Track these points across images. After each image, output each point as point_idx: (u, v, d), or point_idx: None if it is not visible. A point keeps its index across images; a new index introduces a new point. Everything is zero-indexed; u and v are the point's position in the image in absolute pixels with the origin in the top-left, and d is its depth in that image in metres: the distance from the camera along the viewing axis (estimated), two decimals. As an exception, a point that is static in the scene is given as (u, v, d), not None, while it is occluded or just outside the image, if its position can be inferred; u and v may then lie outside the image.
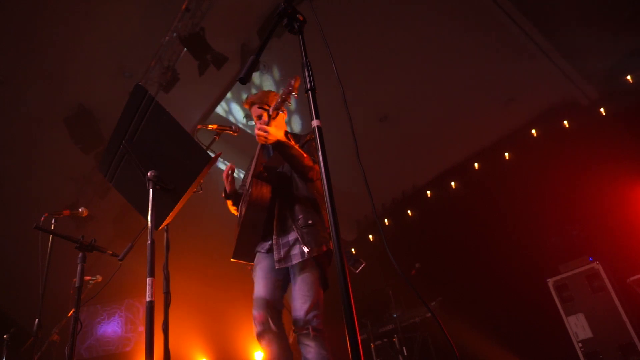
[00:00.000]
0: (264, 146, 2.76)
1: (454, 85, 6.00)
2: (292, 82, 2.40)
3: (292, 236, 2.55)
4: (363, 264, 2.74)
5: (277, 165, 2.79)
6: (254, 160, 2.70)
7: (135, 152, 1.88)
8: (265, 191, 2.60)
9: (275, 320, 2.44)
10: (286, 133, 2.57)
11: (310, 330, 2.32)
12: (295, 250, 2.50)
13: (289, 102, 2.46)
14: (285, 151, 2.50)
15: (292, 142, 2.57)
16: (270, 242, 2.61)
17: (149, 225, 1.73)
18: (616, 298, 4.07)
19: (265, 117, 2.62)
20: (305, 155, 2.56)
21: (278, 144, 2.47)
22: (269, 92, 2.90)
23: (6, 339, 4.19)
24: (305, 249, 2.46)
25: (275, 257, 2.55)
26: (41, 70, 5.41)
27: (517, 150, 6.27)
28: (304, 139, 2.80)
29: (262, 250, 2.65)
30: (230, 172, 2.73)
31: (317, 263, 2.49)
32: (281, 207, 2.62)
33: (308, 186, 2.66)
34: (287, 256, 2.51)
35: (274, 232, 2.59)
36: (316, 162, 2.57)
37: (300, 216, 2.57)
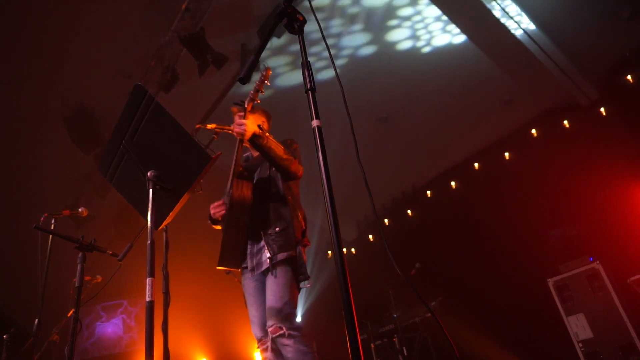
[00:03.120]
0: (244, 148, 2.72)
1: (454, 85, 6.00)
2: (264, 72, 2.44)
3: (262, 243, 2.60)
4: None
5: (257, 165, 2.82)
6: (234, 159, 2.67)
7: (135, 152, 1.88)
8: (246, 191, 2.60)
9: (272, 342, 2.48)
10: (259, 127, 2.54)
11: (285, 330, 2.34)
12: (263, 258, 2.57)
13: (262, 92, 2.50)
14: (260, 143, 2.48)
15: (267, 134, 2.54)
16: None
17: (148, 225, 1.73)
18: (616, 298, 4.06)
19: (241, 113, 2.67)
20: (282, 147, 2.57)
21: (254, 136, 2.47)
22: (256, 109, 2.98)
23: (6, 339, 4.18)
24: (267, 254, 2.53)
25: (249, 265, 2.63)
26: (41, 71, 5.40)
27: (517, 150, 6.27)
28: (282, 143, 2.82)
29: (244, 265, 2.67)
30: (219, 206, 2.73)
31: (287, 264, 2.53)
32: (256, 211, 2.64)
33: (285, 190, 2.66)
34: (258, 263, 2.59)
35: (249, 239, 2.65)
36: (296, 158, 2.61)
37: (270, 222, 2.61)
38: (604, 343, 4.10)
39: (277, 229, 2.58)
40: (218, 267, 2.56)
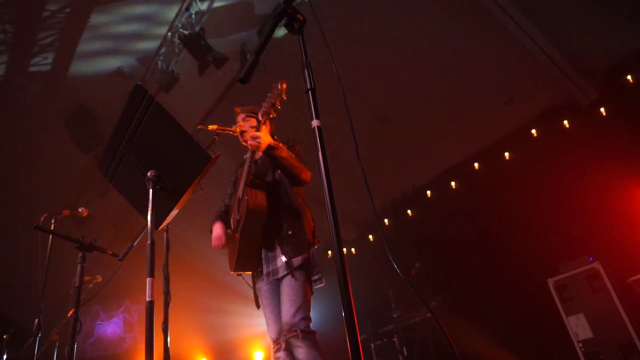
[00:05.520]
0: (252, 154, 2.76)
1: (454, 85, 5.99)
2: (279, 85, 2.46)
3: (276, 249, 2.64)
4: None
5: (264, 172, 2.83)
6: (245, 168, 2.70)
7: (135, 152, 1.88)
8: (261, 200, 2.62)
9: (286, 343, 2.51)
10: (272, 136, 2.60)
11: (299, 332, 2.37)
12: (279, 264, 2.60)
13: (279, 107, 2.52)
14: (276, 154, 2.51)
15: (281, 144, 2.58)
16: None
17: (148, 225, 1.72)
18: (616, 298, 4.06)
19: (254, 122, 2.74)
20: (294, 155, 2.61)
21: (269, 148, 2.49)
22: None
23: (6, 339, 4.19)
24: (283, 259, 2.56)
25: (264, 270, 2.66)
26: (41, 70, 5.41)
27: (517, 150, 6.26)
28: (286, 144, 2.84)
29: (259, 269, 2.71)
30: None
31: (302, 268, 2.56)
32: (269, 218, 2.66)
33: (294, 193, 2.68)
34: (274, 270, 2.62)
35: (263, 246, 2.69)
36: (306, 164, 2.64)
37: (282, 226, 2.64)
38: (604, 343, 4.10)
39: (290, 232, 2.61)
40: (232, 272, 2.65)
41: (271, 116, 2.55)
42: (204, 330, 8.31)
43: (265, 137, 2.47)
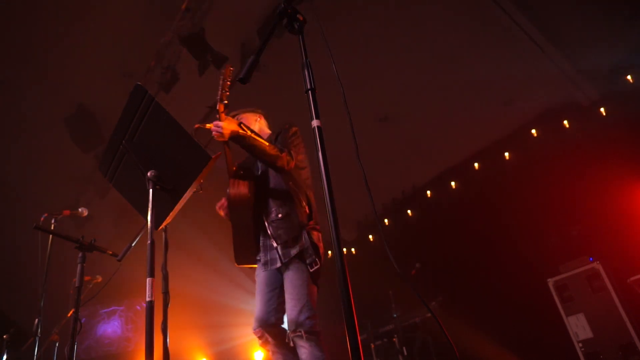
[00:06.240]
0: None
1: (454, 85, 5.99)
2: (223, 71, 2.50)
3: (270, 235, 2.61)
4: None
5: (252, 160, 2.82)
6: (225, 162, 2.67)
7: (135, 152, 1.88)
8: (242, 189, 2.59)
9: (272, 333, 2.52)
10: (240, 124, 2.52)
11: (303, 332, 2.34)
12: (275, 253, 2.57)
13: (227, 92, 2.54)
14: (242, 142, 2.47)
15: (249, 132, 2.53)
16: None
17: (148, 225, 1.72)
18: (616, 298, 4.06)
19: (250, 119, 2.80)
20: (266, 143, 2.54)
21: (233, 136, 2.46)
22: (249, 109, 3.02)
23: (6, 339, 4.19)
24: (274, 244, 2.53)
25: (262, 260, 2.63)
26: (41, 70, 5.40)
27: (517, 150, 6.26)
28: (274, 133, 2.83)
29: (258, 258, 2.69)
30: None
31: (302, 261, 2.50)
32: (258, 205, 2.63)
33: (284, 177, 2.63)
34: (272, 259, 2.59)
35: (260, 235, 2.65)
36: (284, 151, 2.58)
37: (272, 210, 2.60)
38: (604, 343, 4.10)
39: (280, 215, 2.57)
40: (238, 265, 2.64)
41: (225, 102, 2.54)
42: (204, 330, 8.31)
43: (227, 126, 2.43)
